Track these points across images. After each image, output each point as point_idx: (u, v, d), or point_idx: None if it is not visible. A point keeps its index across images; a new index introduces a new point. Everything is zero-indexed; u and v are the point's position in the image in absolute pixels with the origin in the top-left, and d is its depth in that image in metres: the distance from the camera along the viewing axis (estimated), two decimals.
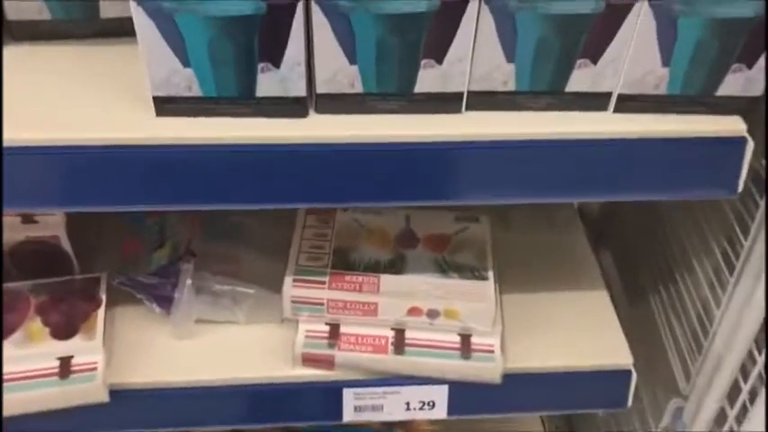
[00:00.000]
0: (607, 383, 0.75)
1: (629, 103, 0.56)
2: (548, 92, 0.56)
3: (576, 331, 0.77)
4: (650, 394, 0.84)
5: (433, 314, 0.71)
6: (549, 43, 0.53)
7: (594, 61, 0.54)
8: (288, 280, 0.71)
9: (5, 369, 0.68)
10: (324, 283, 0.71)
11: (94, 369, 0.70)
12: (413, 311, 0.71)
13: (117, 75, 0.58)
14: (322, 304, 0.71)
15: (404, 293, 0.71)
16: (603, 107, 0.57)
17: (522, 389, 0.74)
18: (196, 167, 0.54)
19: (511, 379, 0.73)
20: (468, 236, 0.77)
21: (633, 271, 0.92)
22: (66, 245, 0.76)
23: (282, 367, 0.73)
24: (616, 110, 0.57)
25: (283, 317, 0.74)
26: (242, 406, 0.75)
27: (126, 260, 0.78)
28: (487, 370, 0.72)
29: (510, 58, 0.53)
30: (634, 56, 0.53)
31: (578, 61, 0.54)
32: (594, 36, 0.53)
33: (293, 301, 0.71)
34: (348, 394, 0.73)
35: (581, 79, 0.55)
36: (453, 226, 0.78)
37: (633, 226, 0.93)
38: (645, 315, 0.87)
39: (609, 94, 0.56)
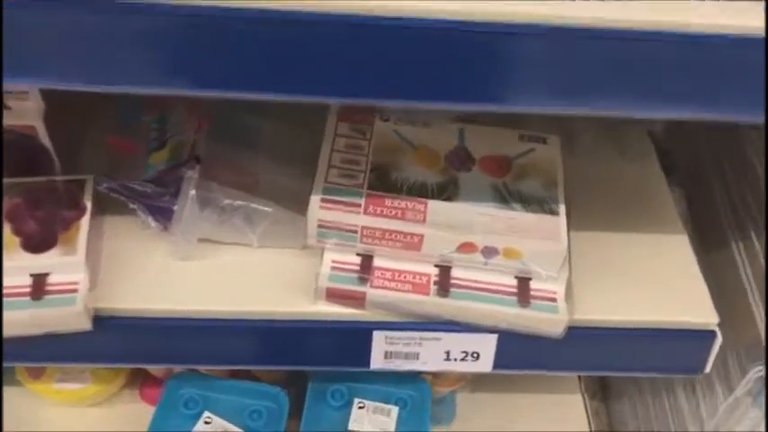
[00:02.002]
0: (684, 345, 0.64)
1: None
2: None
3: (651, 281, 0.65)
4: (721, 358, 0.73)
5: (489, 252, 0.58)
6: None
7: None
8: (315, 200, 0.58)
9: None
10: (359, 205, 0.58)
11: (75, 291, 0.58)
12: (465, 247, 0.58)
13: None
14: (355, 232, 0.58)
15: (456, 225, 0.58)
16: None
17: (583, 345, 0.63)
18: (202, 37, 0.40)
19: (572, 333, 0.61)
20: (533, 159, 0.63)
21: (709, 209, 0.79)
22: (45, 138, 0.62)
23: (302, 302, 0.61)
24: None
25: (306, 243, 0.61)
26: (250, 344, 0.63)
27: (117, 163, 0.65)
28: (549, 321, 0.60)
29: None
30: None
31: None
32: None
33: (320, 226, 0.58)
34: (379, 338, 0.62)
35: None
36: (516, 146, 0.64)
37: (711, 153, 0.80)
38: (723, 264, 0.74)
39: None
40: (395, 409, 0.74)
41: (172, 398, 0.74)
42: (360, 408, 0.74)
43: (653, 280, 0.65)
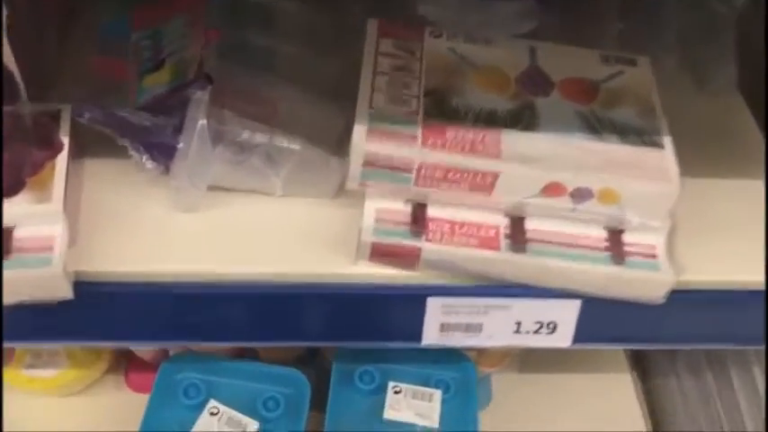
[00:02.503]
0: None
1: None
2: None
3: (756, 235, 0.54)
4: None
5: (581, 195, 0.47)
6: None
7: None
8: (359, 130, 0.46)
9: None
10: (415, 137, 0.46)
11: (50, 248, 0.45)
12: (551, 189, 0.46)
13: None
14: (409, 171, 0.46)
15: (539, 160, 0.46)
16: None
17: (683, 311, 0.51)
18: None
19: (673, 297, 0.49)
20: (624, 84, 0.51)
21: None
22: (10, 60, 0.49)
23: (338, 262, 0.49)
24: None
25: (344, 188, 0.49)
26: (272, 315, 0.51)
27: (101, 89, 0.52)
28: (648, 282, 0.48)
29: None
30: None
31: None
32: None
33: (366, 163, 0.46)
34: (434, 306, 0.50)
35: None
36: (601, 69, 0.52)
37: None
38: None
39: None
40: (437, 393, 0.62)
41: (168, 384, 0.62)
42: (396, 392, 0.62)
43: (758, 234, 0.54)
